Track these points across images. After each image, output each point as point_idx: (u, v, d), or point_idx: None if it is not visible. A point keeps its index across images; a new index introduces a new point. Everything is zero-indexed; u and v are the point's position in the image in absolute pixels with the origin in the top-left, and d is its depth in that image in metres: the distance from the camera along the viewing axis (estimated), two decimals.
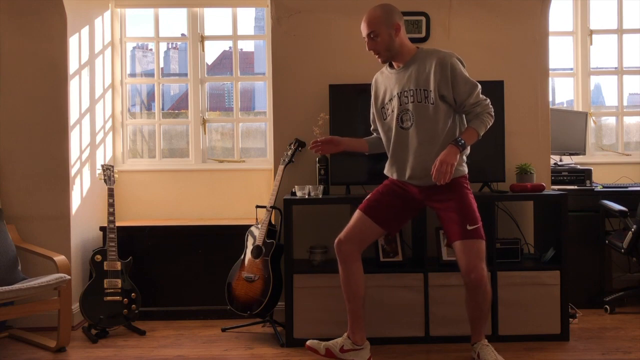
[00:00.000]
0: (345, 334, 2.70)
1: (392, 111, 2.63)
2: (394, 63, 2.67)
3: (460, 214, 2.53)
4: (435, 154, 2.52)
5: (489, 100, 2.58)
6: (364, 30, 2.59)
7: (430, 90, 2.52)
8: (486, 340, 2.63)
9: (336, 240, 2.69)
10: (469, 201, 2.57)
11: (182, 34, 4.19)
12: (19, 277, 3.04)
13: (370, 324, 3.00)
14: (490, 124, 2.59)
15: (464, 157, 2.63)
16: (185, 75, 4.13)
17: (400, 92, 2.59)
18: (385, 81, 2.70)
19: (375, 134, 2.87)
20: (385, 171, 2.77)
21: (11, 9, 3.36)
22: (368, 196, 2.76)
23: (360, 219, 2.69)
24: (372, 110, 2.82)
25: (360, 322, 2.69)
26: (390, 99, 2.64)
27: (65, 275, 2.91)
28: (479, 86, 2.56)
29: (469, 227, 2.51)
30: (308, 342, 2.71)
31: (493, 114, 2.59)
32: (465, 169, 2.64)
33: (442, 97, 2.53)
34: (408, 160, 2.60)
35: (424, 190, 2.63)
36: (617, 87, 4.33)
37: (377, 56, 2.61)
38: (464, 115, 2.63)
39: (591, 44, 4.26)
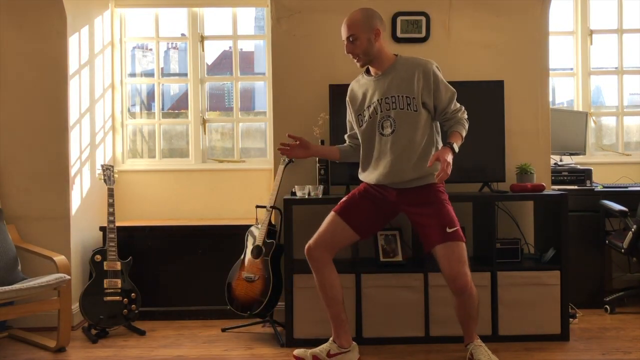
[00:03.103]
0: (331, 339, 2.68)
1: (370, 117, 2.59)
2: (371, 70, 2.64)
3: (439, 218, 2.53)
4: (415, 159, 2.52)
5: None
6: (343, 32, 2.55)
7: (414, 98, 2.52)
8: (479, 340, 2.63)
9: (306, 247, 2.66)
10: (447, 206, 2.57)
11: (182, 34, 4.19)
12: (19, 277, 3.04)
13: (371, 324, 3.00)
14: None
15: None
16: (185, 75, 4.13)
17: (381, 99, 2.56)
18: (363, 88, 2.66)
19: (349, 140, 2.83)
20: (361, 177, 2.71)
21: (11, 8, 3.36)
22: (343, 199, 2.72)
23: (334, 222, 2.65)
24: (349, 117, 2.77)
25: (343, 325, 2.67)
26: (369, 106, 2.60)
27: (65, 275, 2.91)
28: (456, 92, 2.59)
29: (448, 230, 2.50)
30: (295, 352, 2.70)
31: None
32: None
33: (424, 104, 2.54)
34: (388, 166, 2.56)
35: (402, 193, 2.60)
36: (617, 87, 4.33)
37: (355, 60, 2.58)
38: (438, 124, 2.64)
39: (591, 44, 4.26)
